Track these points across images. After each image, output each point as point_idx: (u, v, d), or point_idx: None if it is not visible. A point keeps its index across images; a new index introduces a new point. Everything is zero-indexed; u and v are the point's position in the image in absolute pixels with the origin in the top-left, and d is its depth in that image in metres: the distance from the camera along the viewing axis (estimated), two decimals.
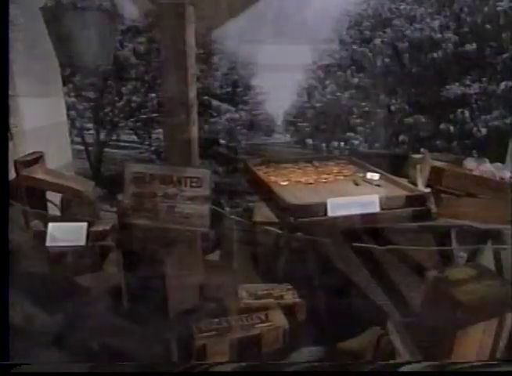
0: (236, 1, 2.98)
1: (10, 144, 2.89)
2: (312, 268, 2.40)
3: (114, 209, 3.47)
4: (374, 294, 2.73)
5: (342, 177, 2.62)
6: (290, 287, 2.25)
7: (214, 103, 3.33)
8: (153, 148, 3.62)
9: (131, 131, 3.63)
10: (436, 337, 1.68)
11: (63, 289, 2.52)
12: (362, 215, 2.07)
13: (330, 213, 2.02)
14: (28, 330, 2.30)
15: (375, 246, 2.28)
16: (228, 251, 3.25)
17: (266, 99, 3.34)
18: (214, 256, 3.14)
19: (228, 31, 3.18)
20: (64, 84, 3.55)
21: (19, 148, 3.02)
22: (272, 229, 2.21)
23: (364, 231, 2.97)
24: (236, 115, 3.39)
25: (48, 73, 3.41)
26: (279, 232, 2.20)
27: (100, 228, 3.01)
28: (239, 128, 3.42)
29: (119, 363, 2.02)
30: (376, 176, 2.55)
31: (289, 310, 2.09)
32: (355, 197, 2.15)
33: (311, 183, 2.47)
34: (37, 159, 3.01)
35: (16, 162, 2.82)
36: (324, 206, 2.03)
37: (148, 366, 1.73)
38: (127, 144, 3.69)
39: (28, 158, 2.93)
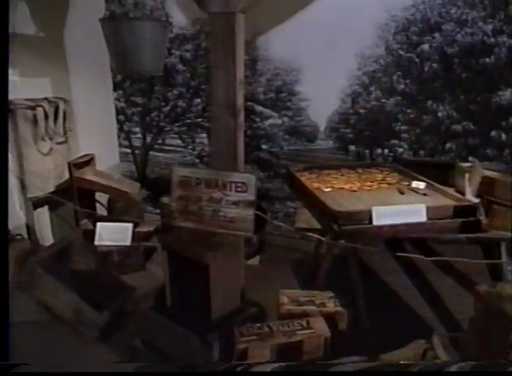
0: (282, 7, 3.01)
1: (65, 147, 3.06)
2: (354, 276, 2.36)
3: (158, 211, 3.59)
4: (418, 306, 2.66)
5: (386, 185, 2.56)
6: (331, 294, 2.23)
7: (258, 108, 3.37)
8: (196, 152, 3.70)
9: (176, 136, 3.73)
10: (487, 355, 1.61)
11: (109, 286, 2.63)
12: (408, 225, 2.02)
13: (375, 221, 1.98)
14: (76, 325, 2.42)
15: (420, 256, 2.21)
16: (269, 256, 3.27)
17: (309, 105, 3.33)
18: (254, 260, 3.16)
19: (273, 37, 3.21)
20: (115, 90, 3.72)
21: (73, 151, 3.18)
22: (314, 235, 2.20)
23: (408, 241, 2.91)
24: (279, 121, 3.41)
25: (100, 80, 3.58)
26: (322, 239, 2.18)
27: (145, 229, 3.12)
28: (281, 133, 3.43)
29: (160, 363, 2.09)
30: (421, 185, 2.48)
31: (330, 318, 2.07)
32: (401, 205, 2.10)
33: (354, 190, 2.44)
34: (89, 161, 3.17)
35: (69, 164, 2.99)
36: (369, 214, 1.99)
37: (188, 365, 1.77)
38: (171, 148, 3.79)
39: (80, 160, 3.09)
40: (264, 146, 3.49)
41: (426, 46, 3.02)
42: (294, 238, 3.35)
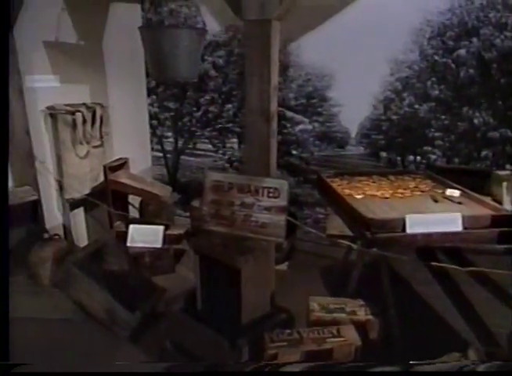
0: (314, 14, 3.01)
1: (101, 150, 3.16)
2: (386, 285, 2.32)
3: (188, 214, 3.65)
4: (451, 318, 2.58)
5: (419, 192, 2.52)
6: (362, 303, 2.20)
7: (288, 113, 3.37)
8: (226, 157, 3.74)
9: (207, 140, 3.78)
10: None
11: (141, 287, 2.68)
12: (443, 234, 1.97)
13: (409, 230, 1.95)
14: (110, 325, 2.48)
15: (456, 267, 2.15)
16: (298, 261, 3.25)
17: (341, 111, 3.31)
18: (283, 266, 3.15)
19: (304, 43, 3.21)
20: (148, 95, 3.81)
21: (108, 154, 3.27)
22: (346, 242, 2.18)
23: (441, 250, 2.83)
24: (310, 126, 3.40)
25: (134, 86, 3.69)
26: (354, 246, 2.16)
27: (175, 232, 3.18)
28: (311, 139, 3.42)
29: (189, 363, 2.11)
30: (456, 193, 2.42)
31: (361, 327, 2.04)
32: (436, 214, 2.05)
33: (386, 198, 2.41)
34: (123, 164, 3.26)
35: (104, 167, 3.08)
36: (402, 222, 1.96)
37: (218, 365, 1.78)
38: (202, 152, 3.85)
39: (115, 164, 3.18)
40: (294, 152, 3.49)
41: (462, 51, 2.95)
42: (323, 244, 3.33)
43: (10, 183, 2.76)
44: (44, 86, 2.86)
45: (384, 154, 3.34)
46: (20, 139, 2.67)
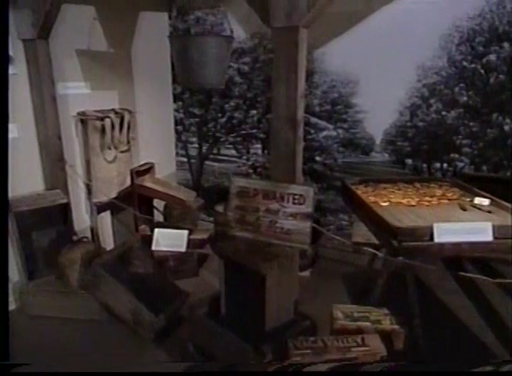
0: (340, 20, 3.01)
1: (128, 155, 3.23)
2: (411, 294, 2.28)
3: (211, 219, 3.67)
4: (478, 330, 2.52)
5: (446, 201, 2.47)
6: (387, 312, 2.17)
7: (313, 120, 3.37)
8: (250, 162, 3.76)
9: (231, 146, 3.81)
10: None
11: (165, 291, 2.72)
12: (473, 244, 1.93)
13: (437, 239, 1.91)
14: (134, 326, 2.52)
15: (484, 277, 2.10)
16: (320, 268, 3.24)
17: (366, 118, 3.29)
18: (305, 272, 3.14)
19: (329, 50, 3.21)
20: (174, 101, 3.88)
21: (134, 159, 3.34)
22: (372, 250, 2.15)
23: (468, 260, 2.77)
24: (334, 133, 3.39)
25: (161, 92, 3.77)
26: (380, 254, 2.14)
27: (199, 236, 3.22)
28: (336, 145, 3.41)
29: (210, 363, 2.12)
30: (485, 201, 2.36)
31: (386, 336, 2.01)
32: (465, 223, 2.01)
33: (413, 205, 2.37)
34: (149, 169, 3.31)
35: (131, 171, 3.15)
36: (430, 230, 1.93)
37: (240, 365, 1.78)
38: (226, 158, 3.88)
39: (141, 168, 3.24)
40: (318, 158, 3.48)
41: (492, 57, 2.89)
42: (346, 251, 3.30)
43: (41, 186, 2.85)
44: (75, 93, 2.95)
45: (409, 161, 3.29)
46: (53, 143, 2.76)
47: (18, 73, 2.59)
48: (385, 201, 2.40)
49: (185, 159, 4.06)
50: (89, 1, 2.88)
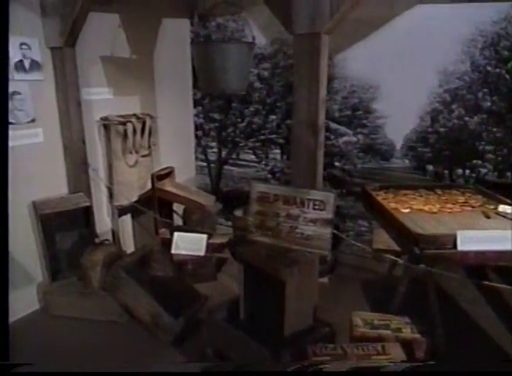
0: (361, 25, 3.00)
1: (148, 159, 3.28)
2: (433, 303, 2.24)
3: (230, 223, 3.69)
4: (502, 340, 2.46)
5: (469, 208, 2.43)
6: (408, 320, 2.13)
7: (332, 125, 3.36)
8: (269, 167, 3.77)
9: (250, 151, 3.83)
10: None
11: (184, 294, 2.74)
12: (498, 252, 1.89)
13: (460, 247, 1.89)
14: (153, 329, 2.54)
15: (508, 287, 2.05)
16: (339, 274, 3.21)
17: (386, 123, 3.26)
18: (324, 279, 3.12)
19: (350, 55, 3.20)
20: (194, 106, 3.93)
21: (155, 163, 3.39)
22: (393, 258, 2.13)
23: (492, 268, 2.71)
24: (354, 138, 3.37)
25: (181, 97, 3.82)
26: (401, 261, 2.11)
27: (218, 241, 3.23)
28: (355, 151, 3.39)
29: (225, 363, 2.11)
30: (510, 209, 2.32)
31: (407, 345, 1.98)
32: (489, 231, 1.97)
33: (434, 212, 2.34)
34: (169, 173, 3.36)
35: (152, 176, 3.19)
36: (453, 238, 1.90)
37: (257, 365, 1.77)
38: (245, 163, 3.90)
39: (161, 172, 3.29)
40: (337, 164, 3.46)
41: None
42: (365, 257, 3.27)
43: (65, 189, 2.91)
44: (99, 98, 3.02)
45: (430, 167, 3.25)
46: (77, 147, 2.82)
47: (45, 79, 2.67)
48: (406, 208, 2.38)
49: (204, 163, 4.09)
50: (114, 9, 2.94)
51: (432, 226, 2.09)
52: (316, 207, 1.94)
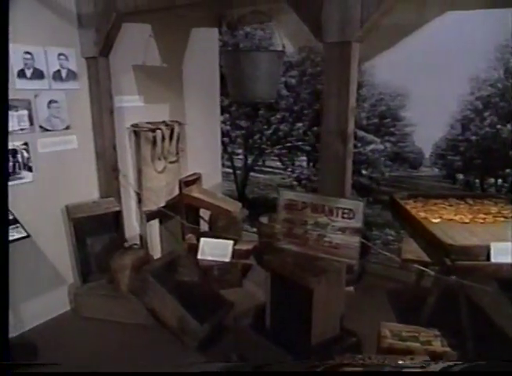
0: (391, 33, 2.97)
1: (176, 166, 3.33)
2: (464, 316, 2.19)
3: (255, 230, 3.71)
4: None
5: (502, 218, 2.36)
6: (437, 333, 2.08)
7: (360, 133, 3.34)
8: (295, 174, 3.77)
9: (276, 158, 3.84)
10: None
11: (210, 300, 2.76)
12: None
13: (494, 258, 1.84)
14: (179, 333, 2.57)
15: None
16: (365, 283, 3.17)
17: (415, 131, 3.21)
18: (349, 287, 3.08)
19: (378, 63, 3.18)
20: (222, 113, 3.98)
21: (182, 169, 3.45)
22: (423, 268, 2.09)
23: None
24: (381, 146, 3.34)
25: (209, 105, 3.87)
26: (431, 273, 2.07)
27: (244, 247, 3.25)
28: (383, 159, 3.35)
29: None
30: None
31: (437, 359, 1.93)
32: None
33: (466, 222, 2.29)
34: (196, 180, 3.41)
35: (180, 182, 3.24)
36: (486, 250, 1.86)
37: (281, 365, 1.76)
38: (270, 169, 3.91)
39: (189, 179, 3.34)
40: (364, 172, 3.43)
41: None
42: (392, 267, 3.22)
43: (97, 194, 3.00)
44: (130, 106, 3.10)
45: (460, 176, 3.18)
46: (109, 154, 2.91)
47: (80, 88, 2.76)
48: (436, 217, 2.33)
49: (230, 170, 4.13)
50: (146, 19, 3.02)
51: (464, 237, 2.04)
52: (345, 215, 1.93)
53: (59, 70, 2.63)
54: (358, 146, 3.37)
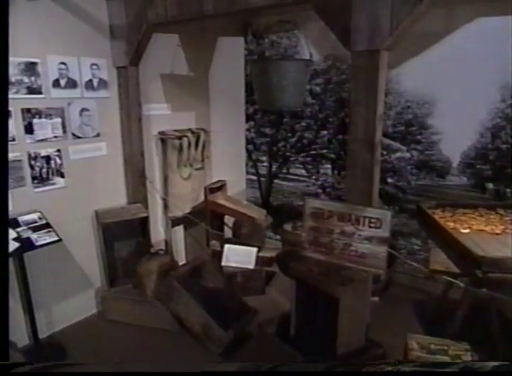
0: (419, 40, 2.94)
1: (201, 173, 3.37)
2: (495, 330, 2.12)
3: (278, 237, 3.71)
4: None
5: None
6: (467, 346, 2.03)
7: (385, 141, 3.31)
8: (319, 182, 3.75)
9: (301, 166, 3.84)
10: None
11: (234, 306, 2.77)
12: None
13: None
14: (203, 340, 2.58)
15: None
16: (391, 294, 3.12)
17: (442, 139, 3.16)
18: (374, 298, 3.04)
19: (405, 70, 3.15)
20: (246, 121, 4.01)
21: (207, 176, 3.48)
22: (451, 279, 2.05)
23: None
24: (407, 154, 3.29)
25: (234, 112, 3.91)
26: (461, 284, 2.02)
27: (267, 254, 3.25)
28: (409, 167, 3.31)
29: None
30: None
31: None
32: None
33: (497, 234, 2.22)
34: (221, 187, 3.44)
35: (205, 188, 3.28)
36: None
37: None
38: (295, 177, 3.91)
39: (214, 185, 3.37)
40: (390, 180, 3.39)
41: None
42: (418, 277, 3.16)
43: (124, 200, 3.06)
44: (157, 114, 3.16)
45: (490, 185, 3.10)
46: (136, 160, 2.97)
47: (110, 96, 2.84)
48: (466, 228, 2.28)
49: (254, 177, 4.15)
50: (174, 30, 3.09)
51: (495, 248, 1.99)
52: (372, 225, 1.92)
53: (91, 80, 2.71)
54: (383, 154, 3.33)
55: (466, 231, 2.24)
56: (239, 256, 3.13)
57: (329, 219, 2.02)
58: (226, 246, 3.16)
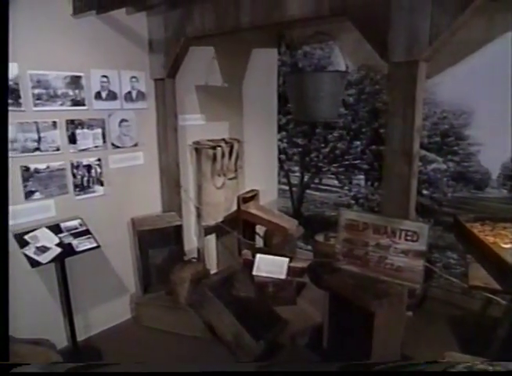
0: (455, 48, 2.89)
1: (234, 182, 3.41)
2: None
3: (309, 247, 3.69)
4: None
5: None
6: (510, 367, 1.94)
7: (421, 152, 3.24)
8: (352, 193, 3.72)
9: (333, 176, 3.82)
10: None
11: (265, 317, 2.77)
12: None
13: None
14: (235, 349, 2.59)
15: None
16: (427, 309, 3.04)
17: (480, 151, 3.07)
18: (409, 312, 2.97)
19: (441, 80, 3.10)
20: (279, 131, 4.04)
21: (240, 186, 3.52)
22: (491, 296, 1.98)
23: None
24: (443, 166, 3.22)
25: (267, 123, 3.95)
26: (502, 301, 1.95)
27: (299, 265, 3.23)
28: (445, 179, 3.23)
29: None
30: None
31: None
32: None
33: None
34: (253, 196, 3.46)
35: (238, 198, 3.32)
36: None
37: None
38: (327, 187, 3.89)
39: (247, 195, 3.40)
40: (425, 192, 3.32)
41: None
42: (453, 292, 3.07)
43: (159, 208, 3.13)
44: (192, 124, 3.23)
45: None
46: (172, 170, 3.04)
47: (148, 108, 2.94)
48: (507, 243, 2.20)
49: (286, 187, 4.16)
50: (210, 42, 3.17)
51: None
52: (409, 238, 1.88)
53: (130, 92, 2.81)
54: (418, 165, 3.27)
55: (508, 246, 2.16)
56: (270, 266, 3.12)
57: (365, 231, 2.00)
58: (258, 255, 3.15)
